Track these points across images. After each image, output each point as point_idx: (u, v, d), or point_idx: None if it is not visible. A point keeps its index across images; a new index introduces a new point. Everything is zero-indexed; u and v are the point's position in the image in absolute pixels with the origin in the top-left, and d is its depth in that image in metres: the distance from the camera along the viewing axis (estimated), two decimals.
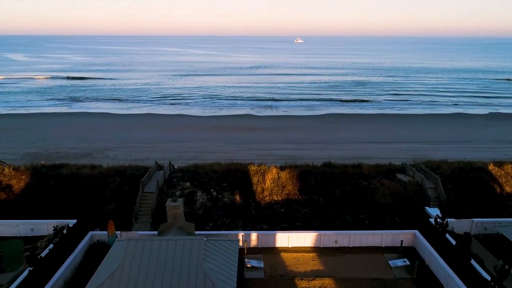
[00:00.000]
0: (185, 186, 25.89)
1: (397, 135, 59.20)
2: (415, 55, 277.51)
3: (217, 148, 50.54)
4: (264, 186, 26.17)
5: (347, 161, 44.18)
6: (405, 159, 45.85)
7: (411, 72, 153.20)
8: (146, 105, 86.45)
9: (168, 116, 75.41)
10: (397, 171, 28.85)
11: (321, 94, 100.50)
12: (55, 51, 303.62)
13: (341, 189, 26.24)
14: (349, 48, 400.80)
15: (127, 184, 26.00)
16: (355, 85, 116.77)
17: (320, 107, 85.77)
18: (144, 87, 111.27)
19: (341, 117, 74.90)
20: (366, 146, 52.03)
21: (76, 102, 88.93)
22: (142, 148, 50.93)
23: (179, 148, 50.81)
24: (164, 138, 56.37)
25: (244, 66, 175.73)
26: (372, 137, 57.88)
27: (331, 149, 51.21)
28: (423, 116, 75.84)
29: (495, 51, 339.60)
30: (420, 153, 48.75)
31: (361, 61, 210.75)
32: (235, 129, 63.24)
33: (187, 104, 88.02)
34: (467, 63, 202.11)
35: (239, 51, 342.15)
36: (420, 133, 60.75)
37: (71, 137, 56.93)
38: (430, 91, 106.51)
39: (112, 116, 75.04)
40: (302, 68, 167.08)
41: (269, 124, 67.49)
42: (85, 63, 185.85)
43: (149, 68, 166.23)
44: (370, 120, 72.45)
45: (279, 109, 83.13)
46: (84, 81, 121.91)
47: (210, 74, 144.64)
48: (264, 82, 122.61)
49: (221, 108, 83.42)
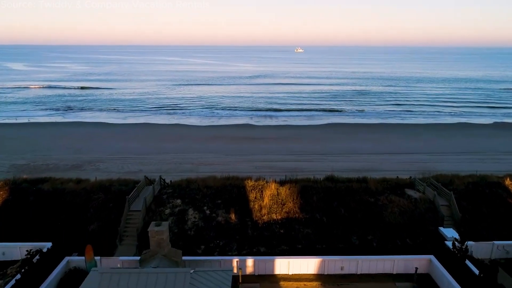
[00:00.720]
0: (176, 203, 23.68)
1: (401, 146, 57.11)
2: (414, 65, 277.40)
3: (214, 160, 48.42)
4: (262, 203, 23.98)
5: (351, 173, 42.08)
6: (411, 171, 43.72)
7: (412, 82, 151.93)
8: (143, 115, 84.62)
9: (165, 126, 73.45)
10: (406, 186, 26.66)
11: (321, 104, 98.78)
12: (55, 61, 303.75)
13: (346, 207, 24.04)
14: (349, 58, 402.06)
15: (113, 201, 23.80)
16: (356, 95, 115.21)
17: (320, 116, 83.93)
18: (142, 96, 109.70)
19: (342, 127, 72.94)
20: (369, 158, 49.89)
21: (71, 111, 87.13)
22: (136, 159, 48.79)
23: (174, 160, 48.69)
24: (159, 149, 54.29)
25: (243, 76, 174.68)
26: (374, 148, 55.80)
27: (332, 160, 49.09)
28: (426, 126, 73.84)
29: (494, 61, 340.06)
30: (426, 165, 46.60)
31: (361, 71, 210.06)
32: (234, 139, 61.21)
33: (185, 113, 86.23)
34: (467, 72, 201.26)
35: (239, 60, 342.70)
36: (424, 144, 58.66)
37: (63, 147, 54.84)
38: (432, 101, 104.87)
39: (108, 125, 73.09)
40: (302, 77, 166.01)
41: (269, 134, 65.49)
42: (84, 73, 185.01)
43: (148, 77, 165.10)
44: (372, 130, 70.46)
45: (279, 118, 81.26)
46: (81, 91, 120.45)
47: (209, 83, 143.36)
48: (263, 91, 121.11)
49: (219, 118, 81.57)
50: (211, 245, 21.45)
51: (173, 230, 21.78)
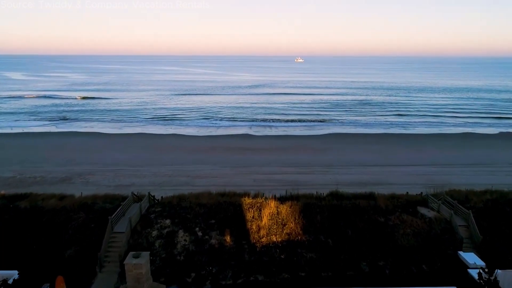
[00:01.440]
0: (165, 224, 21.32)
1: (405, 157, 54.82)
2: (414, 74, 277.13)
3: (211, 172, 46.08)
4: (261, 223, 21.65)
5: (355, 187, 39.72)
6: (419, 185, 41.41)
7: (413, 91, 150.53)
8: (140, 124, 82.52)
9: (162, 136, 71.29)
10: (418, 204, 24.34)
11: (322, 113, 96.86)
12: (55, 70, 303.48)
13: (354, 227, 21.70)
14: (349, 67, 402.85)
15: (95, 221, 21.46)
16: (356, 104, 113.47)
17: (321, 126, 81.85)
18: (139, 106, 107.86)
19: (344, 137, 70.76)
20: (374, 170, 47.56)
21: (66, 121, 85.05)
22: (129, 171, 46.44)
23: (169, 172, 46.35)
24: (154, 160, 51.98)
25: (243, 85, 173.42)
26: (379, 159, 53.51)
27: (335, 172, 46.80)
28: (431, 136, 71.70)
29: (493, 70, 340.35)
30: (434, 177, 44.28)
31: (362, 80, 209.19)
32: (232, 150, 58.97)
33: (183, 123, 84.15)
34: (468, 81, 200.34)
35: (238, 70, 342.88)
36: (429, 155, 56.37)
37: (53, 159, 52.49)
38: (434, 110, 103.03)
39: (102, 135, 70.91)
40: (302, 87, 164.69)
41: (268, 144, 63.28)
42: (82, 82, 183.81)
43: (146, 87, 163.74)
44: (375, 140, 68.29)
45: (279, 128, 79.15)
46: (78, 100, 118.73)
47: (208, 93, 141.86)
48: (263, 101, 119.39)
49: (217, 128, 79.46)
50: (202, 272, 19.04)
51: (160, 255, 19.39)
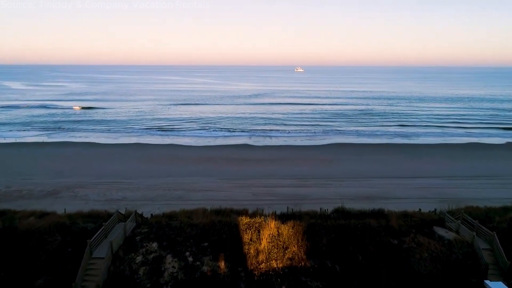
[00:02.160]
0: (151, 248, 18.90)
1: (412, 168, 52.45)
2: (414, 84, 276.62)
3: (208, 185, 43.69)
4: (259, 246, 19.26)
5: (361, 202, 37.32)
6: (429, 199, 39.04)
7: (414, 100, 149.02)
8: (136, 134, 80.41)
9: (158, 146, 69.07)
10: (434, 224, 21.96)
11: (323, 123, 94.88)
12: (55, 80, 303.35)
13: (364, 251, 19.30)
14: (349, 77, 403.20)
15: (72, 244, 19.06)
16: (358, 114, 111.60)
17: (322, 136, 79.73)
18: (137, 115, 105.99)
19: (346, 148, 68.53)
20: (379, 182, 45.18)
21: (61, 131, 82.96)
22: (122, 184, 44.07)
23: (164, 185, 43.97)
24: (149, 172, 49.65)
25: (243, 95, 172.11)
26: (383, 171, 51.15)
27: (338, 185, 44.42)
28: (435, 146, 69.43)
29: (493, 80, 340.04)
30: (443, 191, 41.88)
31: (362, 90, 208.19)
32: (230, 161, 56.69)
33: (181, 133, 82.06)
34: (469, 91, 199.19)
35: (238, 79, 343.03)
36: (436, 166, 54.02)
37: (43, 170, 50.17)
38: (437, 120, 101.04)
39: (97, 146, 68.72)
40: (303, 97, 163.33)
41: (268, 155, 61.01)
42: (80, 92, 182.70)
43: (145, 96, 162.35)
44: (378, 150, 66.02)
45: (279, 138, 77.00)
46: (75, 110, 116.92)
47: (208, 102, 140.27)
48: (263, 110, 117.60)
49: (216, 138, 77.31)
50: None
51: (145, 285, 16.99)
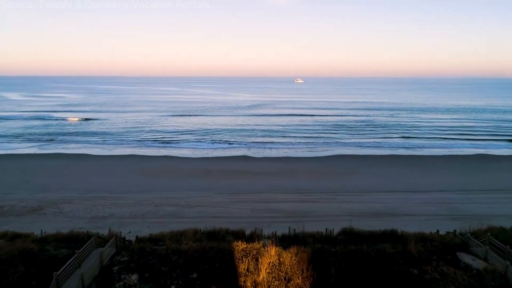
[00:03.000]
0: (130, 281, 16.11)
1: (418, 181, 49.76)
2: (414, 94, 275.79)
3: (204, 200, 40.95)
4: (258, 278, 16.55)
5: (369, 219, 34.61)
6: (443, 217, 36.31)
7: (415, 111, 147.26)
8: (132, 146, 77.88)
9: (154, 158, 66.51)
10: (457, 248, 19.28)
11: (324, 134, 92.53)
12: (53, 90, 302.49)
13: (380, 284, 16.61)
14: (348, 88, 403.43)
15: (38, 276, 16.36)
16: (359, 125, 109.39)
17: (324, 147, 77.24)
18: (133, 126, 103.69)
19: (349, 160, 65.99)
20: (386, 197, 42.47)
21: (54, 142, 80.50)
22: (111, 199, 41.33)
23: (156, 200, 41.23)
24: (141, 186, 47.00)
25: (242, 105, 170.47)
26: (389, 184, 48.49)
27: (343, 200, 41.70)
28: (441, 158, 66.89)
29: (492, 91, 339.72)
30: (455, 206, 39.15)
31: (363, 100, 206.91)
32: (228, 173, 54.04)
33: (178, 144, 79.55)
34: (469, 102, 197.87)
35: (238, 90, 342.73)
36: (444, 179, 51.35)
37: (30, 184, 47.46)
38: (441, 130, 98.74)
39: (90, 157, 66.14)
40: (303, 108, 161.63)
41: (268, 167, 58.40)
42: (78, 103, 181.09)
43: (143, 107, 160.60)
44: (382, 162, 63.48)
45: (279, 150, 74.51)
46: (70, 121, 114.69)
47: (206, 113, 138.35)
48: (262, 121, 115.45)
49: (214, 149, 74.79)
50: None
51: None
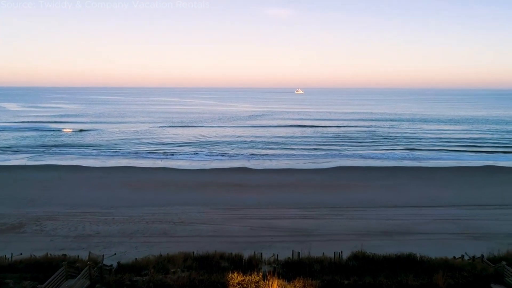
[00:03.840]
0: None
1: (428, 195, 46.88)
2: (414, 105, 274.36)
3: (199, 216, 38.01)
4: None
5: (379, 240, 31.66)
6: (459, 235, 33.30)
7: (417, 121, 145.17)
8: (127, 157, 75.20)
9: (149, 170, 63.76)
10: (490, 279, 16.48)
11: (326, 145, 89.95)
12: (53, 101, 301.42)
13: None
14: (348, 99, 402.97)
15: None
16: (362, 135, 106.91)
17: (326, 159, 74.53)
18: (130, 137, 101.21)
19: (353, 171, 63.23)
20: (394, 213, 39.56)
21: (46, 153, 77.83)
22: (99, 215, 38.42)
23: (148, 216, 38.28)
24: (133, 200, 44.09)
25: (242, 116, 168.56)
26: (396, 198, 45.58)
27: (348, 216, 38.77)
28: (450, 170, 64.02)
29: (492, 102, 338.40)
30: (471, 224, 36.11)
31: (364, 111, 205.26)
32: (226, 187, 51.19)
33: (174, 156, 76.84)
34: (471, 112, 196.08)
35: (238, 101, 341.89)
36: (453, 192, 48.38)
37: (15, 198, 44.54)
38: (447, 141, 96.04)
39: (82, 170, 63.36)
40: (304, 119, 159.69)
41: (268, 180, 55.58)
42: (76, 113, 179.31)
43: (141, 117, 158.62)
44: (387, 174, 60.67)
45: (280, 161, 71.81)
46: (66, 131, 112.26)
47: (205, 124, 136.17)
48: (262, 132, 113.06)
49: (212, 160, 72.04)
50: None
51: None
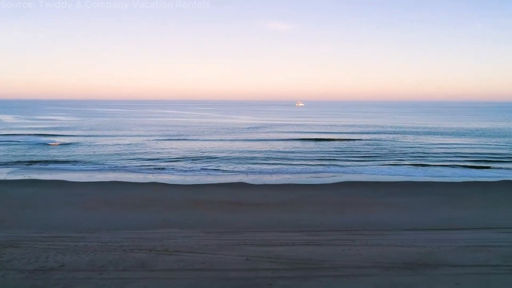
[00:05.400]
0: None
1: (450, 215, 41.02)
2: (416, 117, 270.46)
3: (187, 242, 32.10)
4: None
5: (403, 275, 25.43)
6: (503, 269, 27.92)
7: (422, 134, 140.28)
8: (116, 171, 69.96)
9: (137, 185, 58.37)
10: None
11: (329, 158, 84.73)
12: (49, 113, 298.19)
13: None
14: (350, 111, 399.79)
15: None
16: (367, 148, 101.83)
17: (331, 173, 69.21)
18: (123, 150, 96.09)
19: (360, 187, 57.84)
20: (416, 237, 33.53)
21: (29, 167, 72.58)
22: (70, 240, 32.59)
23: (127, 241, 32.25)
24: (115, 221, 38.43)
25: (241, 128, 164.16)
26: (415, 219, 39.70)
27: (362, 242, 32.68)
28: (468, 185, 58.50)
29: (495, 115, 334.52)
30: (507, 251, 30.65)
31: (365, 123, 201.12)
32: (221, 205, 45.60)
33: (167, 169, 71.52)
34: (474, 124, 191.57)
35: (237, 113, 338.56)
36: (479, 212, 42.34)
37: None
38: (457, 155, 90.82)
39: (64, 185, 57.91)
40: (305, 132, 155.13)
41: (267, 197, 50.07)
42: (69, 126, 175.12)
43: (136, 130, 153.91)
44: (398, 190, 55.23)
45: (280, 175, 66.51)
46: (55, 144, 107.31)
47: (203, 136, 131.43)
48: (262, 144, 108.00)
49: (207, 175, 66.76)
50: None
51: None
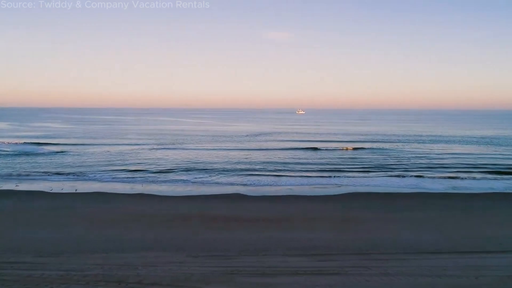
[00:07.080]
0: None
1: (476, 233, 35.36)
2: (421, 125, 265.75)
3: (168, 270, 26.31)
4: None
5: None
6: None
7: (427, 142, 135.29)
8: (102, 181, 64.49)
9: (123, 197, 53.03)
10: None
11: (334, 167, 79.46)
12: (44, 120, 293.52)
13: None
14: (351, 119, 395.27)
15: None
16: (372, 157, 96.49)
17: (336, 183, 63.83)
18: (113, 158, 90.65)
19: (369, 199, 52.52)
20: (443, 264, 27.83)
21: (10, 177, 67.31)
22: (28, 268, 26.52)
23: (95, 269, 26.12)
24: (87, 241, 32.72)
25: (240, 136, 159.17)
26: (438, 239, 33.86)
27: (382, 270, 26.72)
28: (491, 197, 53.10)
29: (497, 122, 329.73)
30: None
31: (368, 131, 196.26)
32: (213, 220, 40.17)
33: (158, 179, 66.15)
34: (477, 131, 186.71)
35: (236, 121, 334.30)
36: (505, 229, 37.67)
37: None
38: (462, 161, 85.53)
39: (43, 196, 52.57)
40: (306, 141, 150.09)
41: (266, 210, 44.73)
42: (62, 134, 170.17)
43: (130, 138, 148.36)
44: (410, 202, 49.99)
45: (281, 186, 61.15)
46: (44, 152, 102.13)
47: (199, 144, 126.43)
48: (262, 152, 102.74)
49: (200, 185, 61.53)
50: None
51: None
